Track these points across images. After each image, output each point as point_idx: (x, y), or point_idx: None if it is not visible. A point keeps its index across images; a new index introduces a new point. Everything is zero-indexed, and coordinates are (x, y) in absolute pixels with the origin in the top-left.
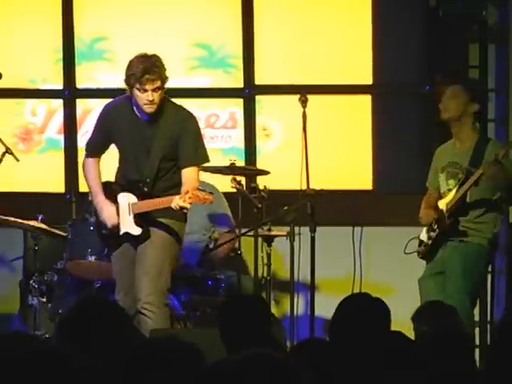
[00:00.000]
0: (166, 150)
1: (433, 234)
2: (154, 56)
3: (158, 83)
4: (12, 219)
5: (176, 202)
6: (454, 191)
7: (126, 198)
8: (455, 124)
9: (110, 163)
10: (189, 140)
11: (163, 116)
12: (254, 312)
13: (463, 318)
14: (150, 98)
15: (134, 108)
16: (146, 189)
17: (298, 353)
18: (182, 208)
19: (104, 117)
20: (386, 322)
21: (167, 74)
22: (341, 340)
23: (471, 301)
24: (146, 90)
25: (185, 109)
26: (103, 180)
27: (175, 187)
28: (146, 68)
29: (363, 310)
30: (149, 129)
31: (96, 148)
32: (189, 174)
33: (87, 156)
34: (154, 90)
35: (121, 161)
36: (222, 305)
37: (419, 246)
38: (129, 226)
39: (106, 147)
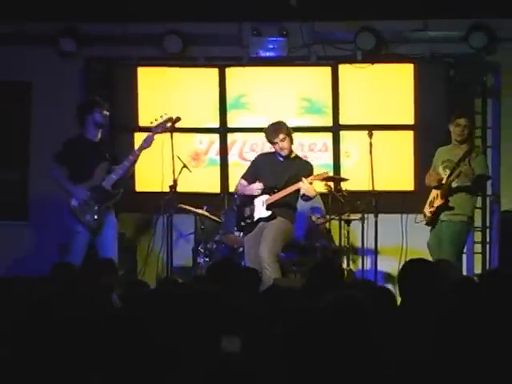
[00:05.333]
0: (290, 175)
1: (432, 209)
2: (279, 121)
3: (283, 135)
4: (189, 208)
5: (304, 182)
6: (445, 179)
7: (261, 199)
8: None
9: None
10: (306, 175)
11: (293, 158)
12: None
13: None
14: (283, 145)
15: (276, 154)
16: (275, 190)
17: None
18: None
19: (255, 159)
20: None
21: (279, 115)
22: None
23: (458, 259)
24: (277, 142)
25: (307, 160)
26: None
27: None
28: (274, 128)
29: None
30: (282, 164)
31: (247, 179)
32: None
33: (241, 180)
34: (281, 141)
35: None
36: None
37: (424, 217)
38: (262, 213)
39: (254, 180)
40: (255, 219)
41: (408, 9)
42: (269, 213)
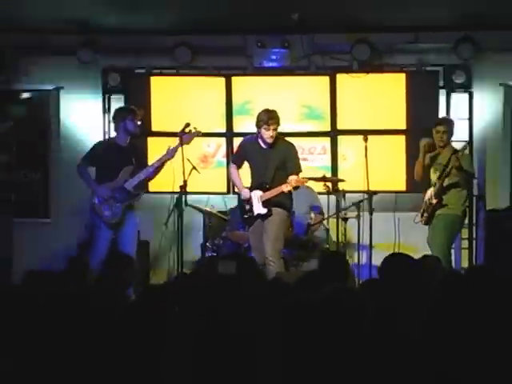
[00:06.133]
0: (277, 165)
1: (428, 209)
2: (274, 110)
3: (276, 125)
4: (198, 206)
5: (291, 184)
6: (436, 181)
7: (255, 193)
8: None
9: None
10: (292, 159)
11: (276, 145)
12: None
13: (444, 259)
14: (271, 134)
15: (259, 141)
16: (267, 186)
17: (364, 287)
18: (294, 187)
19: (242, 145)
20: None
21: (281, 121)
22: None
23: (449, 249)
24: (269, 129)
25: (288, 140)
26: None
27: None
28: (270, 116)
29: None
30: (267, 153)
31: (237, 162)
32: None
33: (232, 164)
34: (273, 129)
35: (251, 173)
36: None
37: (421, 216)
38: (259, 209)
39: (243, 163)
40: (255, 214)
41: (400, 22)
42: (265, 210)
